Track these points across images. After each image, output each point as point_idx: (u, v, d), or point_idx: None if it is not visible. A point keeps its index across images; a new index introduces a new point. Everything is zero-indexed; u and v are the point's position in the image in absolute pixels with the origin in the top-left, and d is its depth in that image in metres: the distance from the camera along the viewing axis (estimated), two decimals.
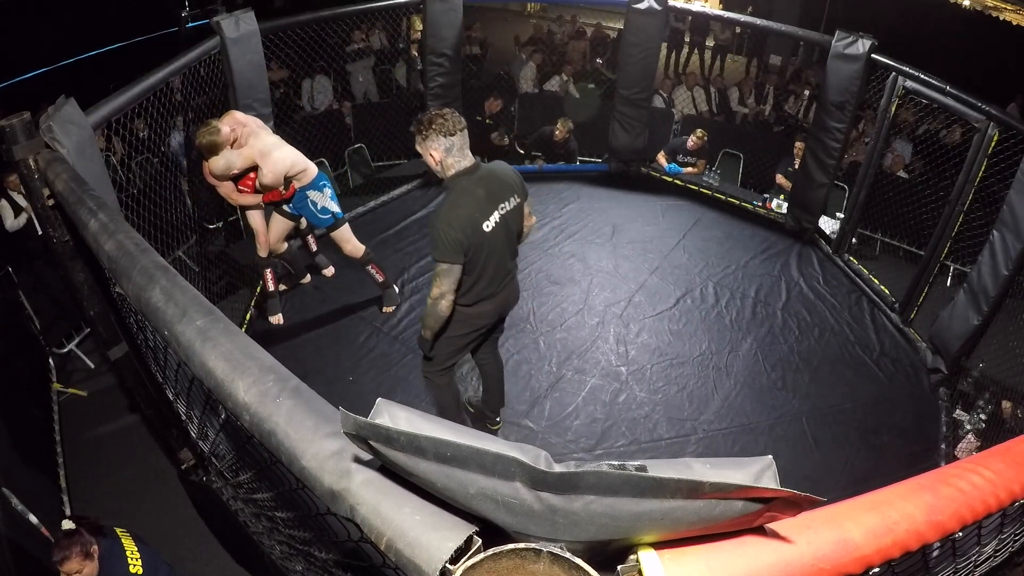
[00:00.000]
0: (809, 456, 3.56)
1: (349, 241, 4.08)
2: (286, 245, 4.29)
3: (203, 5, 5.53)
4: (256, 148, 3.64)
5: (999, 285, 3.57)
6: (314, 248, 4.65)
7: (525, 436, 3.51)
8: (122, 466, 3.62)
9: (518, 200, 2.66)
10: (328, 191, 3.92)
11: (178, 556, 3.01)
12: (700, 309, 4.57)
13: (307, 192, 3.86)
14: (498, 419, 3.48)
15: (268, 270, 4.17)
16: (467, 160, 2.53)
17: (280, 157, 3.70)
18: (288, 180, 3.79)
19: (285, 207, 3.97)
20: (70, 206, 1.75)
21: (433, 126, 2.44)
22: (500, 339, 4.15)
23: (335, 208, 3.95)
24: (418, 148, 2.53)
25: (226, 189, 3.75)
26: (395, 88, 7.45)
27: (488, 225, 2.53)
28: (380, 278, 4.28)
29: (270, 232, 4.05)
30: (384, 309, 4.35)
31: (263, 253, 4.08)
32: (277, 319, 4.24)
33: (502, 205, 2.58)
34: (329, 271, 4.65)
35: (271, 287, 4.20)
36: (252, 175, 3.72)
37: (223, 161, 3.55)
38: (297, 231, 4.36)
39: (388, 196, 5.72)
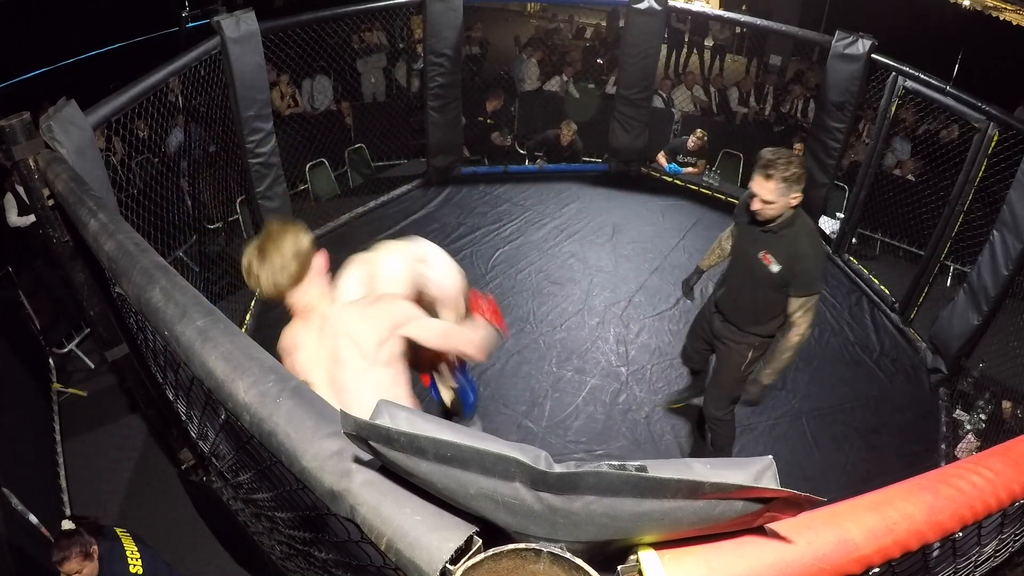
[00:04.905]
0: (809, 456, 3.56)
1: None
2: None
3: (203, 5, 5.52)
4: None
5: (999, 285, 3.57)
6: None
7: (525, 436, 3.51)
8: (122, 466, 3.61)
9: None
10: None
11: (178, 556, 3.00)
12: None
13: None
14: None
15: None
16: None
17: None
18: None
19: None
20: (70, 206, 1.74)
21: (802, 176, 2.36)
22: (500, 341, 4.17)
23: None
24: (771, 193, 2.36)
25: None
26: (395, 88, 7.45)
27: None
28: None
29: None
30: None
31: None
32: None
33: None
34: None
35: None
36: None
37: None
38: None
39: (388, 196, 5.71)
